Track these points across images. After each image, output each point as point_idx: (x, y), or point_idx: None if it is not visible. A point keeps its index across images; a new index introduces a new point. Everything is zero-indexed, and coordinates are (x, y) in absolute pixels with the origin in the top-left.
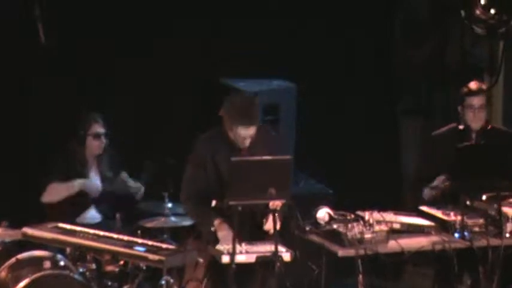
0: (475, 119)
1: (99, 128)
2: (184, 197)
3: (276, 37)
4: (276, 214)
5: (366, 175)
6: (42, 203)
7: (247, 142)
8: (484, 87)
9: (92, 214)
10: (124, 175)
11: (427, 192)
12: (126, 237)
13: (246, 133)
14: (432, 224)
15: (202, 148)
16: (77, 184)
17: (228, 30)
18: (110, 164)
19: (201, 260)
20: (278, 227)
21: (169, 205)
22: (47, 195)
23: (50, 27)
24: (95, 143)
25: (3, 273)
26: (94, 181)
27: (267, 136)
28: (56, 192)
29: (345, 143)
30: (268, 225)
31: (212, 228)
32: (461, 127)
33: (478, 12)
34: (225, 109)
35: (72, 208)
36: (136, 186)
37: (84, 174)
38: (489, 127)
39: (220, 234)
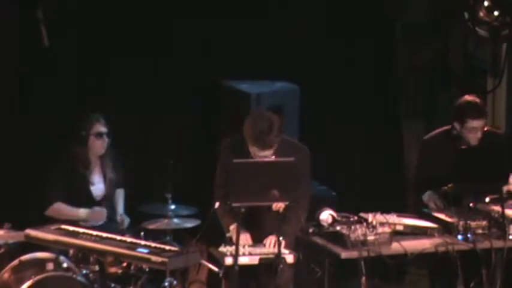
0: (474, 138)
1: (101, 128)
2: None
3: (277, 39)
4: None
5: (369, 177)
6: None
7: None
8: (485, 107)
9: None
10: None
11: (428, 200)
12: (129, 239)
13: (263, 154)
14: (435, 226)
15: (224, 151)
16: (82, 214)
17: (229, 31)
18: (112, 165)
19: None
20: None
21: (172, 207)
22: (50, 212)
23: (51, 27)
24: (98, 142)
25: (7, 275)
26: (99, 210)
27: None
28: (59, 214)
29: (348, 145)
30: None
31: (228, 235)
32: (464, 147)
33: (481, 14)
34: (244, 129)
35: None
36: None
37: (86, 176)
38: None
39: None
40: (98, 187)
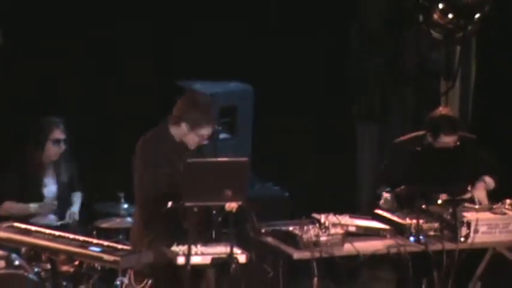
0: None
1: (60, 134)
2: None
3: (233, 39)
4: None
5: (322, 178)
6: None
7: (204, 143)
8: (458, 122)
9: (48, 216)
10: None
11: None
12: (81, 238)
13: (207, 133)
14: (388, 227)
15: (151, 150)
16: (32, 208)
17: (184, 31)
18: (66, 168)
19: None
20: None
21: (125, 206)
22: (2, 212)
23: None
24: (54, 148)
25: None
26: (49, 202)
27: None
28: (10, 212)
29: (302, 146)
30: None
31: None
32: (418, 149)
33: (435, 16)
34: (187, 108)
35: None
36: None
37: (39, 178)
38: None
39: None
40: (50, 189)
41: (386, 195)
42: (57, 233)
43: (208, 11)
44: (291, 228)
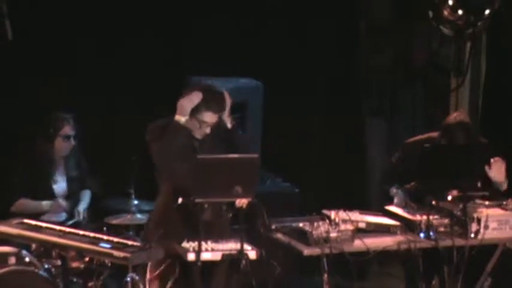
0: None
1: (70, 131)
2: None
3: (243, 36)
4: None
5: (332, 174)
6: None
7: (207, 131)
8: (472, 126)
9: (58, 214)
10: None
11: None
12: (91, 234)
13: (210, 120)
14: (398, 223)
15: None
16: (45, 206)
17: (195, 28)
18: (76, 165)
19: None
20: None
21: (135, 202)
22: (15, 208)
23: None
24: (64, 144)
25: None
26: (61, 201)
27: (232, 134)
28: (24, 209)
29: (312, 142)
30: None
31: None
32: (427, 145)
33: (445, 12)
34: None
35: None
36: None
37: (49, 173)
38: None
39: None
40: (60, 185)
41: (397, 191)
42: (67, 229)
43: (221, 8)
44: (301, 225)
